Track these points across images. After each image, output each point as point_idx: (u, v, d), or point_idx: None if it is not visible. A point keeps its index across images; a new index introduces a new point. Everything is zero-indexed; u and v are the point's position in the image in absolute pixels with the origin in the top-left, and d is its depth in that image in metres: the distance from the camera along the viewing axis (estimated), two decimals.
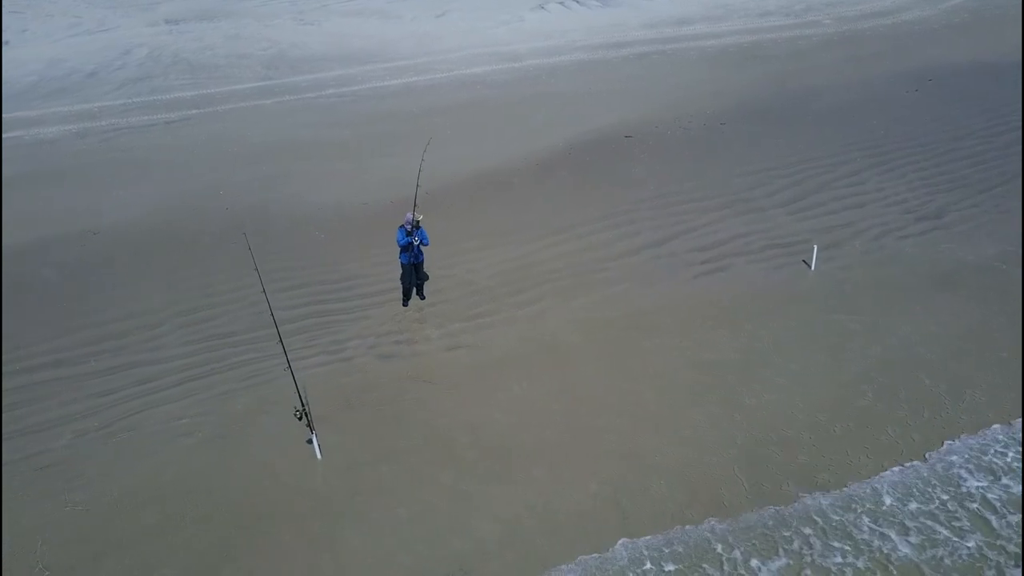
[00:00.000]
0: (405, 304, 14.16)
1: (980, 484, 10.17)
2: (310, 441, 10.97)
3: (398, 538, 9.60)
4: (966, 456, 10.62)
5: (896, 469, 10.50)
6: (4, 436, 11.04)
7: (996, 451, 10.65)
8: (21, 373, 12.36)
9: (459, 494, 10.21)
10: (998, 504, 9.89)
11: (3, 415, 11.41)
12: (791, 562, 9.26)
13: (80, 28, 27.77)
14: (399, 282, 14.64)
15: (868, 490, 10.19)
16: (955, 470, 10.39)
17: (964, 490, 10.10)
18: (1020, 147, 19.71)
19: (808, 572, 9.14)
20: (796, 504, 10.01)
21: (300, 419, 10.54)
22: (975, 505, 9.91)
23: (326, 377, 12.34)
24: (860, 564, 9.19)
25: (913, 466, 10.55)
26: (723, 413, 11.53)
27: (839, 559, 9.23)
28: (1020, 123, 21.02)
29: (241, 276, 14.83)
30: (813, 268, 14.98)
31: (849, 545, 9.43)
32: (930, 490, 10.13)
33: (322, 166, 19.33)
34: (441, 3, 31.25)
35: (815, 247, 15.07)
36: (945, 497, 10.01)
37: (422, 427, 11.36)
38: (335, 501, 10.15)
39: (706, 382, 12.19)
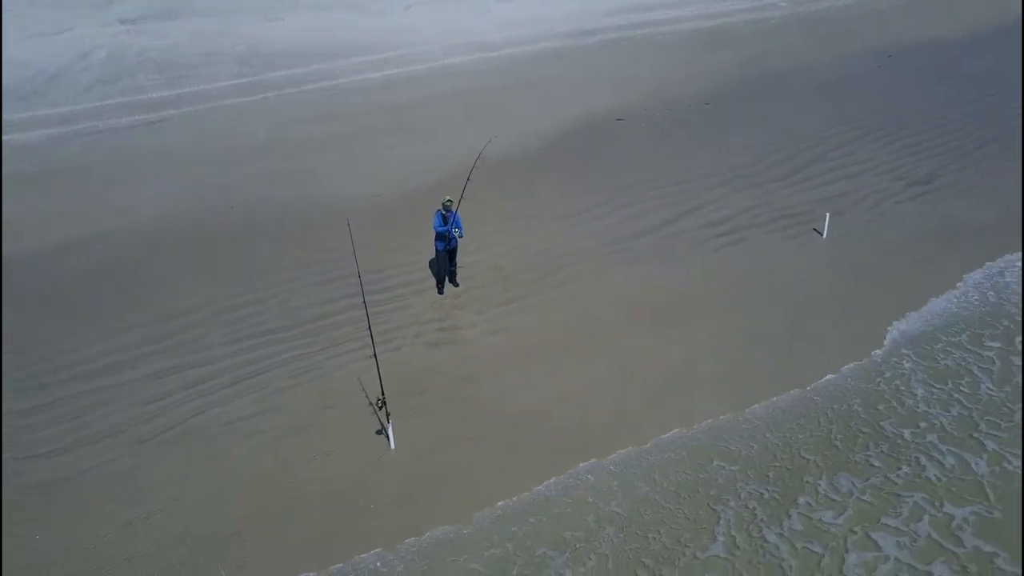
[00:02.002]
0: (440, 292, 14.18)
1: None
2: (379, 432, 10.95)
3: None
4: None
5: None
6: (65, 448, 10.63)
7: None
8: (66, 383, 11.84)
9: (539, 476, 10.30)
10: None
11: (59, 426, 10.99)
12: None
13: (32, 30, 26.26)
14: (430, 270, 14.67)
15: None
16: None
17: None
18: (992, 115, 21.07)
19: None
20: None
21: (380, 408, 10.51)
22: None
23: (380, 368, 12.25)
24: None
25: None
26: (777, 371, 12.07)
27: None
28: (989, 93, 22.46)
29: (269, 273, 14.62)
30: (825, 235, 15.67)
31: None
32: None
33: (322, 161, 19.02)
34: None
35: (827, 215, 15.76)
36: None
37: (486, 413, 11.40)
38: (415, 487, 10.14)
39: (753, 344, 12.72)
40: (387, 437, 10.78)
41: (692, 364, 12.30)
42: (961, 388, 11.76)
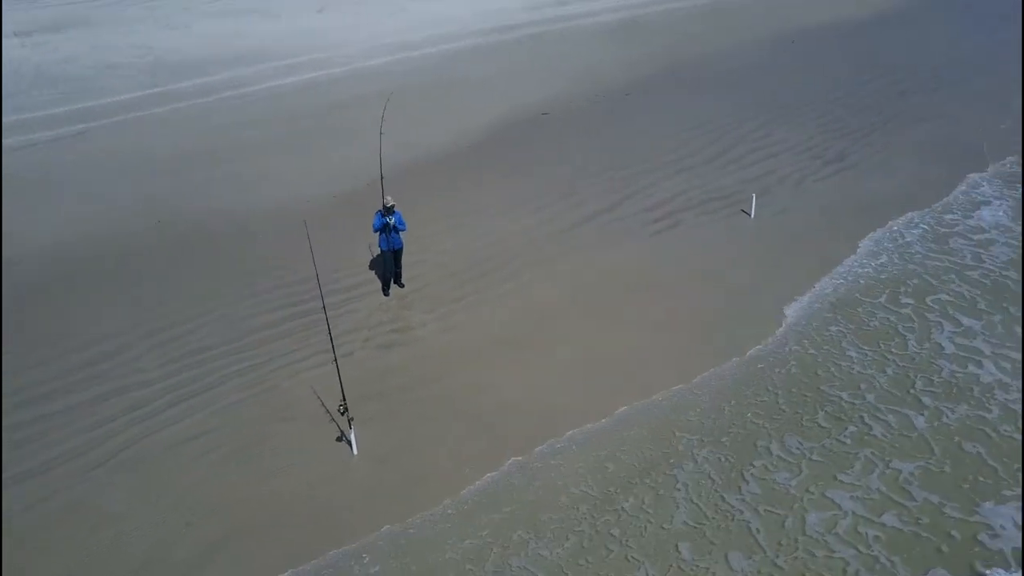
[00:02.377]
0: (386, 293, 14.00)
1: None
2: (340, 439, 10.73)
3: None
4: None
5: None
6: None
7: None
8: None
9: (518, 471, 10.25)
10: None
11: None
12: None
13: None
14: (372, 272, 14.48)
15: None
16: None
17: None
18: (892, 91, 22.40)
19: None
20: None
21: (342, 414, 10.31)
22: None
23: (332, 376, 11.94)
24: None
25: None
26: (718, 342, 12.50)
27: None
28: (888, 72, 23.85)
29: (201, 288, 14.10)
30: (753, 215, 16.27)
31: None
32: None
33: (246, 169, 18.48)
34: None
35: (754, 196, 16.36)
36: None
37: (447, 411, 11.27)
38: (383, 489, 9.96)
39: (695, 319, 13.11)
40: (349, 443, 10.58)
41: (640, 344, 12.53)
42: (892, 349, 12.40)
